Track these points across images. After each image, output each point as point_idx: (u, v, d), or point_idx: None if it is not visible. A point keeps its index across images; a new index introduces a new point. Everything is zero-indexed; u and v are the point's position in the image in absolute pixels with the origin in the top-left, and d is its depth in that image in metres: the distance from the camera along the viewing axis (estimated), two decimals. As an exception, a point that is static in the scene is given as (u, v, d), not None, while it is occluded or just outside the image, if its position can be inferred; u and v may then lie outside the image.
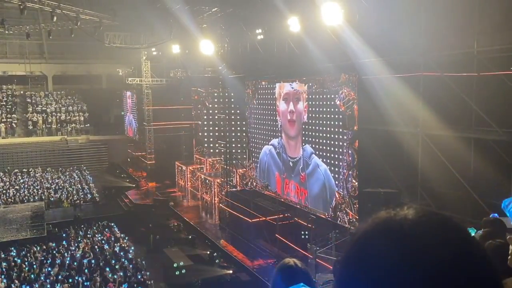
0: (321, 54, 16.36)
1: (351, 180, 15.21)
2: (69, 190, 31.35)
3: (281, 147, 19.64)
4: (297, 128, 18.25)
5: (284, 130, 19.29)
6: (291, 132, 18.80)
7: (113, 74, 44.38)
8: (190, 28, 23.10)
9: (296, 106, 18.20)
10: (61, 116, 42.10)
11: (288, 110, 18.72)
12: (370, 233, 0.79)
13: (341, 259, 0.83)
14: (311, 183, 17.66)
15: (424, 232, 0.75)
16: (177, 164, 33.22)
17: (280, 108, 19.44)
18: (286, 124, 19.10)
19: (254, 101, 21.91)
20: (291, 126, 18.73)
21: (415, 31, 13.26)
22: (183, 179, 32.45)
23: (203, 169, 30.98)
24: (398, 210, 0.82)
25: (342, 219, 15.70)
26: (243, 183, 24.17)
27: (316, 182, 17.34)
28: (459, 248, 0.76)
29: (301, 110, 17.86)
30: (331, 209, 16.25)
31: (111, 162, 41.22)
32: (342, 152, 15.55)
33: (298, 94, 18.07)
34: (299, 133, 18.17)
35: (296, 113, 18.22)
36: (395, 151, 13.78)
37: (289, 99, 18.66)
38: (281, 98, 19.27)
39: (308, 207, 17.83)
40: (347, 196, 15.40)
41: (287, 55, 19.55)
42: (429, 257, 0.73)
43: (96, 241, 22.05)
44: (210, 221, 25.38)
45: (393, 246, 0.75)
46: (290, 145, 18.94)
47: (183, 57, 29.99)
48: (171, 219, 25.55)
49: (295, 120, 18.35)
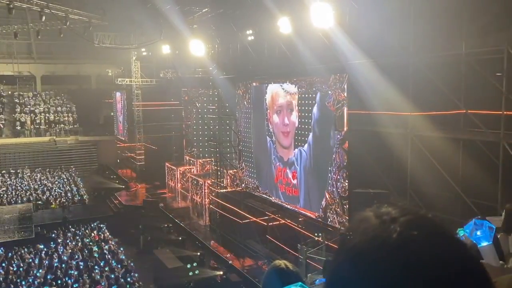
0: (312, 56, 16.40)
1: (341, 180, 15.26)
2: (57, 191, 31.02)
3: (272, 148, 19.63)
4: (291, 138, 18.25)
5: (277, 139, 19.23)
6: (285, 143, 18.78)
7: (102, 74, 44.08)
8: (180, 29, 23.01)
9: (290, 118, 18.16)
10: (49, 116, 41.66)
11: (282, 123, 18.67)
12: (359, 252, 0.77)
13: (331, 268, 0.81)
14: (301, 184, 17.68)
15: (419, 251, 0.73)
16: (167, 165, 33.06)
17: (273, 120, 19.34)
18: (279, 135, 19.04)
19: (244, 102, 21.89)
20: (285, 137, 18.70)
21: (405, 33, 13.35)
22: (173, 180, 32.30)
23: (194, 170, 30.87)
24: (383, 209, 0.80)
25: (333, 220, 15.75)
26: (234, 184, 24.13)
27: (306, 183, 17.37)
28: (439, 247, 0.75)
29: (294, 121, 17.84)
30: (321, 209, 16.29)
31: (100, 163, 40.91)
32: (332, 153, 15.59)
33: (290, 105, 17.99)
34: (292, 141, 18.17)
35: (290, 124, 18.23)
36: (385, 152, 13.85)
37: (283, 111, 18.56)
38: (274, 110, 19.16)
39: (298, 207, 17.85)
40: (338, 197, 15.45)
41: (278, 56, 19.56)
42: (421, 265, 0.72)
43: (85, 243, 21.84)
44: (200, 222, 25.32)
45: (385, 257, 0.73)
46: (283, 151, 18.92)
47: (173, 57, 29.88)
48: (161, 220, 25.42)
49: (289, 131, 18.35)
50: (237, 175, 23.94)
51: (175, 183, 31.98)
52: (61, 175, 35.47)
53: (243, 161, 22.42)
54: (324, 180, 16.12)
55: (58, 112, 42.66)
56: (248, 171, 21.94)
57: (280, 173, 19.10)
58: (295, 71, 17.89)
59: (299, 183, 17.80)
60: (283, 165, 18.86)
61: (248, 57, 22.04)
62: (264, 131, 20.19)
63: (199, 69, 28.87)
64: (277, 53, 19.62)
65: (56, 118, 41.87)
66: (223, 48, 25.23)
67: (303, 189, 17.57)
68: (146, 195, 30.59)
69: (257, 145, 21.12)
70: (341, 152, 15.19)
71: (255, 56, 21.35)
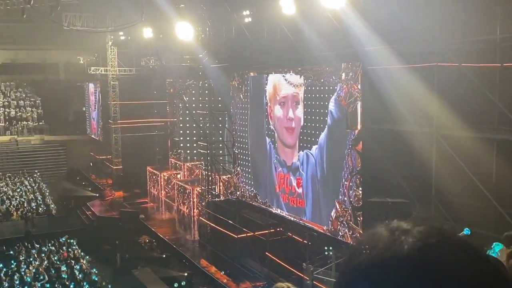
0: (320, 41, 16.40)
1: (354, 188, 15.27)
2: (19, 200, 30.94)
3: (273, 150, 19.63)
4: (296, 136, 18.25)
5: (279, 137, 19.23)
6: (288, 141, 18.76)
7: (72, 62, 44.02)
8: (164, 9, 23.00)
9: (295, 112, 18.15)
10: (10, 112, 41.57)
11: (286, 117, 18.64)
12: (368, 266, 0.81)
13: None
14: (307, 193, 17.69)
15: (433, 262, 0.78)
16: (149, 170, 33.03)
17: (275, 113, 19.31)
18: (282, 132, 19.03)
19: (240, 95, 21.90)
20: (289, 134, 18.68)
21: (429, 15, 13.37)
22: (156, 187, 32.28)
23: (180, 176, 30.84)
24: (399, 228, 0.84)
25: (344, 234, 15.76)
26: (228, 192, 24.13)
27: (314, 192, 17.38)
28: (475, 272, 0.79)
29: (300, 117, 17.84)
30: (331, 222, 16.30)
31: (70, 167, 40.83)
32: (344, 156, 15.60)
33: (296, 97, 18.00)
34: (297, 140, 18.18)
35: (295, 119, 18.21)
36: (406, 154, 13.87)
37: (287, 104, 18.55)
38: (277, 101, 19.16)
39: (304, 220, 17.86)
40: (350, 207, 15.46)
41: (280, 41, 19.57)
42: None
43: (51, 262, 21.79)
44: (188, 237, 25.28)
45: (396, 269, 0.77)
46: (286, 152, 18.91)
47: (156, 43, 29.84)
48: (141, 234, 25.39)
49: (294, 127, 18.34)
50: (231, 182, 23.92)
51: (158, 191, 31.95)
52: (24, 181, 35.34)
53: (238, 165, 22.43)
54: (334, 188, 16.13)
55: (20, 107, 42.54)
56: (244, 176, 21.94)
57: (282, 180, 19.10)
58: (300, 59, 17.89)
59: (305, 192, 17.79)
60: (286, 170, 18.86)
61: (244, 43, 22.02)
62: (263, 130, 20.20)
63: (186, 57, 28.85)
64: (279, 38, 19.62)
65: (17, 114, 41.76)
66: (215, 31, 25.22)
67: (310, 198, 17.57)
68: (124, 205, 30.54)
69: (255, 146, 21.12)
70: (354, 155, 15.20)
71: (253, 41, 21.34)
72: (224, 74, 23.37)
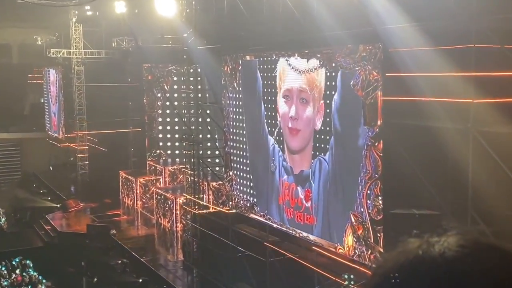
0: (331, 18, 16.43)
1: (372, 197, 15.31)
2: (-38, 212, 30.95)
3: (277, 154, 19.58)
4: (302, 140, 18.23)
5: (284, 139, 19.22)
6: (292, 144, 18.74)
7: (28, 43, 44.00)
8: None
9: (299, 111, 18.14)
10: (-49, 104, 41.49)
11: (288, 114, 18.69)
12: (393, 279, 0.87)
13: None
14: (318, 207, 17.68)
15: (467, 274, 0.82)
16: (122, 175, 33.01)
17: (279, 108, 19.38)
18: (285, 132, 19.05)
19: (234, 84, 21.91)
20: (292, 136, 18.68)
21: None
22: (130, 196, 32.26)
23: (160, 182, 30.83)
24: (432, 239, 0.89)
25: (361, 253, 15.79)
26: (219, 202, 24.14)
27: (325, 203, 17.40)
28: None
29: (310, 117, 17.80)
30: (344, 238, 16.33)
31: (25, 171, 40.84)
32: (360, 158, 15.63)
33: (305, 92, 17.94)
34: (305, 146, 18.13)
35: (299, 120, 18.22)
36: (436, 156, 13.90)
37: (292, 99, 18.60)
38: (281, 93, 19.18)
39: (311, 237, 17.89)
40: (368, 221, 15.50)
41: (282, 18, 19.57)
42: None
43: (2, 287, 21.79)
44: (169, 258, 25.30)
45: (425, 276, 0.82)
46: (293, 159, 18.86)
47: (130, 19, 29.86)
48: (113, 254, 25.38)
49: (299, 129, 18.35)
50: (223, 190, 23.93)
51: (133, 201, 31.93)
52: (-32, 189, 35.36)
53: (231, 169, 22.44)
54: (349, 197, 16.15)
55: (-36, 97, 42.45)
56: (239, 183, 21.95)
57: (287, 191, 19.10)
58: (307, 39, 17.90)
59: (314, 207, 17.71)
60: (291, 179, 18.83)
61: (239, 19, 22.02)
62: (264, 126, 20.22)
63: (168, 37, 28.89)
64: (281, 13, 19.61)
65: (-40, 106, 41.66)
66: (204, 5, 25.21)
67: (320, 214, 17.53)
68: (92, 218, 30.53)
69: (253, 147, 21.13)
70: (372, 156, 15.23)
71: (249, 17, 21.34)
72: (214, 58, 23.37)
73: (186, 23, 25.41)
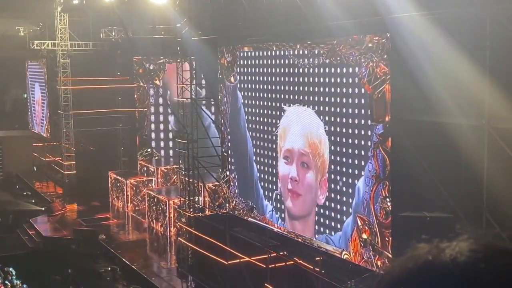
0: (335, 6, 16.43)
1: (380, 199, 15.32)
2: None
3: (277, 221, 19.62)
4: (303, 207, 18.26)
5: (284, 202, 19.26)
6: (293, 210, 18.80)
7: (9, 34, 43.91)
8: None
9: (300, 173, 18.14)
10: None
11: (288, 176, 18.65)
12: (401, 284, 0.90)
13: None
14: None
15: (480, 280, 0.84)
16: (110, 176, 33.01)
17: (280, 170, 19.31)
18: (285, 194, 19.01)
19: (231, 78, 21.92)
20: (293, 199, 18.69)
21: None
22: (120, 198, 32.27)
23: (152, 184, 30.83)
24: (443, 244, 0.92)
25: (368, 259, 15.80)
26: (215, 205, 24.15)
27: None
28: None
29: (311, 184, 17.72)
30: (350, 243, 16.35)
31: (7, 172, 40.84)
32: (367, 156, 15.65)
33: (306, 156, 17.89)
34: (306, 215, 18.12)
35: (300, 183, 18.22)
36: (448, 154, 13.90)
37: (292, 159, 18.53)
38: (281, 154, 19.15)
39: (315, 241, 17.91)
40: (375, 224, 15.51)
41: (283, 6, 19.58)
42: None
43: (-17, 297, 21.83)
44: (162, 264, 25.33)
45: None
46: (295, 227, 18.88)
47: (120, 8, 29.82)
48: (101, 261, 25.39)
49: (301, 194, 18.33)
50: (219, 191, 23.93)
51: (123, 204, 31.94)
52: None
53: (229, 169, 22.45)
54: (355, 198, 16.17)
55: None
56: (237, 185, 21.97)
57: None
58: (309, 29, 17.89)
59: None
60: None
61: (236, 8, 22.02)
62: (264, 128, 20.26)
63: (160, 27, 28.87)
64: (282, 1, 19.63)
65: None
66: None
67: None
68: (79, 222, 30.54)
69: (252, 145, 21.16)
70: (380, 155, 15.24)
71: (247, 5, 21.34)
72: (209, 50, 23.36)
73: (180, 12, 25.41)
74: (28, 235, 29.49)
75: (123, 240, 28.67)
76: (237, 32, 22.19)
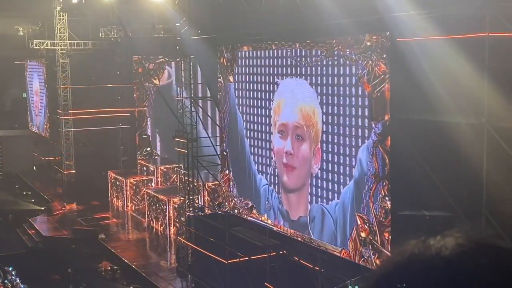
0: (334, 5, 16.42)
1: (380, 198, 15.32)
2: None
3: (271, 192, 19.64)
4: (298, 179, 18.30)
5: (279, 176, 19.31)
6: (288, 183, 18.88)
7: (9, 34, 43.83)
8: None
9: (294, 146, 18.23)
10: None
11: (283, 150, 18.75)
12: (388, 277, 0.95)
13: None
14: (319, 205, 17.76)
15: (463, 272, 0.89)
16: (110, 175, 32.98)
17: (274, 144, 19.43)
18: (280, 168, 19.12)
19: (230, 77, 21.92)
20: (288, 173, 18.76)
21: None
22: (120, 198, 32.25)
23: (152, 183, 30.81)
24: (430, 239, 0.98)
25: (368, 258, 15.81)
26: (215, 204, 24.14)
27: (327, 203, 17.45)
28: None
29: (306, 156, 17.84)
30: (350, 242, 16.35)
31: (7, 171, 40.80)
32: (366, 155, 15.65)
33: (301, 128, 18.00)
34: (301, 186, 18.21)
35: (295, 156, 18.28)
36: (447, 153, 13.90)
37: (287, 133, 18.66)
38: (276, 128, 19.25)
39: (314, 240, 17.92)
40: (375, 223, 15.52)
41: (282, 5, 19.57)
42: None
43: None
44: (162, 263, 25.30)
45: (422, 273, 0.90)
46: (290, 199, 18.97)
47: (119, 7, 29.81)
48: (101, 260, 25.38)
49: (295, 166, 18.40)
50: (219, 191, 23.92)
51: (123, 203, 31.91)
52: None
53: (228, 168, 22.44)
54: (355, 197, 16.18)
55: None
56: (237, 184, 21.96)
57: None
58: (308, 28, 17.89)
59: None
60: (287, 225, 19.04)
61: (236, 7, 22.02)
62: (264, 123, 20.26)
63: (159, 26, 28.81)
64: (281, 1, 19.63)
65: None
66: (198, -7, 25.21)
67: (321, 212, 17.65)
68: (79, 222, 30.52)
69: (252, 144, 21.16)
70: (379, 154, 15.24)
71: (246, 5, 21.34)
72: (209, 49, 23.35)
73: (179, 11, 25.39)
74: (27, 235, 29.47)
75: (122, 239, 28.65)
76: (236, 31, 22.19)
